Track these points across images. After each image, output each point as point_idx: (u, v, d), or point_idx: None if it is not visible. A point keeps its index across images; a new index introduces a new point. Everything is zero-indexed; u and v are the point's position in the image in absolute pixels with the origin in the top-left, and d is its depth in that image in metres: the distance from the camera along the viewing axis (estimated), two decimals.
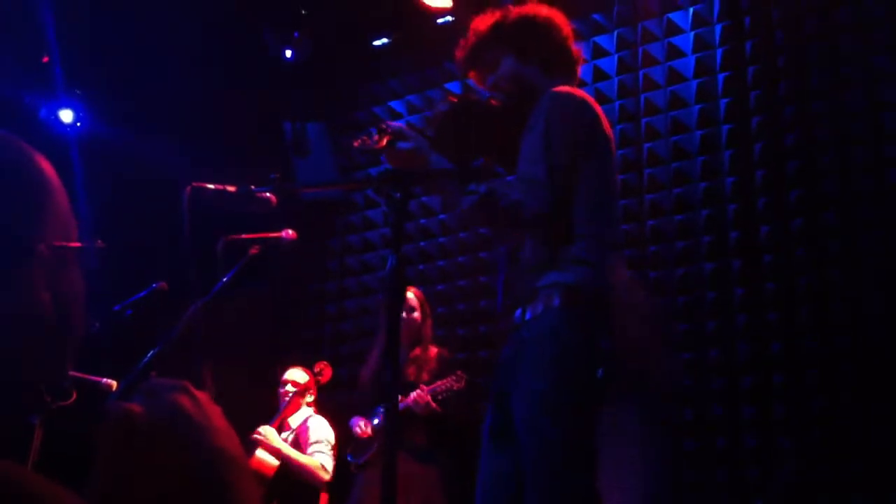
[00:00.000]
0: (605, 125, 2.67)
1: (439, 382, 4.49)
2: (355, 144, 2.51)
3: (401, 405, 4.46)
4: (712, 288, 4.56)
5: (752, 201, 4.52)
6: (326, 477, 4.85)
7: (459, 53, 2.89)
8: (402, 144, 2.49)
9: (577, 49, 2.86)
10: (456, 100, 2.83)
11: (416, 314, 4.76)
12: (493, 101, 2.79)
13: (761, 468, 4.21)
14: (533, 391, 2.41)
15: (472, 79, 2.92)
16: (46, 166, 0.98)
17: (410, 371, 4.66)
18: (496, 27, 2.80)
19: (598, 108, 2.68)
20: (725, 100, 4.70)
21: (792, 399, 4.23)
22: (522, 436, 2.42)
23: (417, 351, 4.71)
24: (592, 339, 2.42)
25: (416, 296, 4.83)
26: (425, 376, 4.60)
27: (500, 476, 2.53)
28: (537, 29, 2.80)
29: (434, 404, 4.46)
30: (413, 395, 4.49)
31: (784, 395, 4.25)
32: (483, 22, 2.84)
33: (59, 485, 0.77)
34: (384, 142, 2.47)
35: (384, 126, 2.49)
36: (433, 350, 4.72)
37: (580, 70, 2.91)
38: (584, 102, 2.63)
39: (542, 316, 2.47)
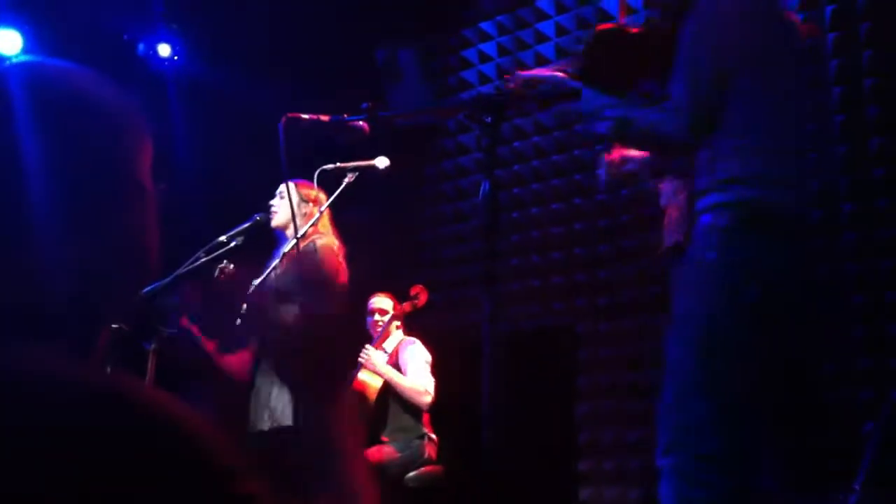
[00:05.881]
0: (778, 17, 2.39)
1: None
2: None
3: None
4: None
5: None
6: (428, 399, 4.86)
7: None
8: (542, 87, 2.45)
9: None
10: (600, 30, 2.71)
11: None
12: (643, 27, 2.61)
13: (875, 389, 4.10)
14: (676, 314, 2.31)
15: None
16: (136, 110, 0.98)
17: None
18: None
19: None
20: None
21: None
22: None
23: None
24: (750, 258, 2.23)
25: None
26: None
27: None
28: None
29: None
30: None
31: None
32: None
33: (172, 396, 0.79)
34: (514, 89, 2.46)
35: (510, 77, 2.48)
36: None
37: None
38: None
39: (699, 239, 2.31)
